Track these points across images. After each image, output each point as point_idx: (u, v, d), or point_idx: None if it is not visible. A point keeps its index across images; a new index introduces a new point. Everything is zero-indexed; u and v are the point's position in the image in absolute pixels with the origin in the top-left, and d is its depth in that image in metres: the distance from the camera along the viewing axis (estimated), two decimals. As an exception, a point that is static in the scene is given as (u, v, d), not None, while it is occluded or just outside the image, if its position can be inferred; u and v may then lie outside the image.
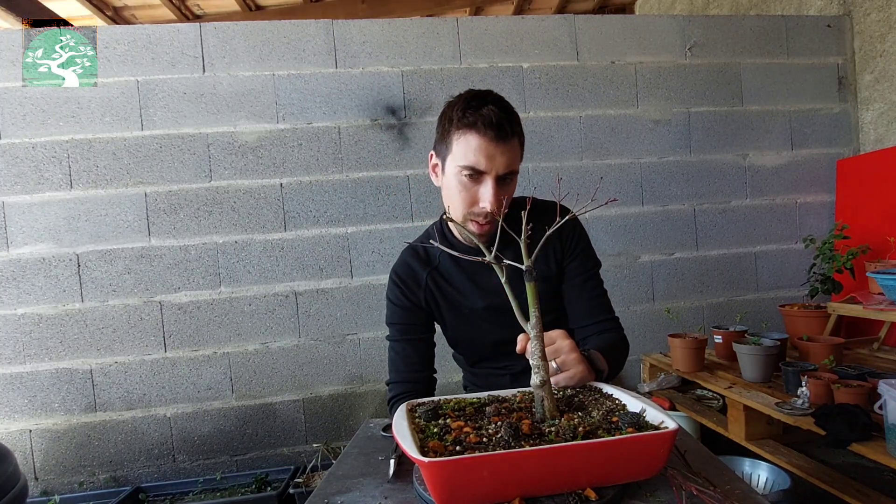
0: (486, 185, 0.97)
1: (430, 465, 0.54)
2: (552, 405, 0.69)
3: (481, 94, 0.99)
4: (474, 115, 0.94)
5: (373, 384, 2.19)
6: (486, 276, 1.10)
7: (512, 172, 1.00)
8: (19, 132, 2.00)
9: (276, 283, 2.13)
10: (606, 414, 0.70)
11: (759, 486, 1.59)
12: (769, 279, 2.46)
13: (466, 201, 0.99)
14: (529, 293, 0.73)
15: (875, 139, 2.39)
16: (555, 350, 0.83)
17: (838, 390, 1.44)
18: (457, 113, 0.97)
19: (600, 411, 0.71)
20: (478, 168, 0.95)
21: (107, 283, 2.04)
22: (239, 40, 2.11)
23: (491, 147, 0.94)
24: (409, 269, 1.13)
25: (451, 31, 2.24)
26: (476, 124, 0.94)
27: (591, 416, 0.69)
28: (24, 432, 2.00)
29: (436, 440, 0.63)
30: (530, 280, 0.72)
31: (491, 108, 0.94)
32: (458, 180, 0.98)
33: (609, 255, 2.32)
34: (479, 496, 0.57)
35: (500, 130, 0.93)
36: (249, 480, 2.01)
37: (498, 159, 0.95)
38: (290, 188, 2.14)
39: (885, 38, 2.29)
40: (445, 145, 1.00)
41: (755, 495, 0.63)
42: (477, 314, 1.12)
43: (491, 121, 0.93)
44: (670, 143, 2.38)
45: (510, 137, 0.96)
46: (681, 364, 1.98)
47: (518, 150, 1.01)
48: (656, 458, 0.61)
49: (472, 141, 0.95)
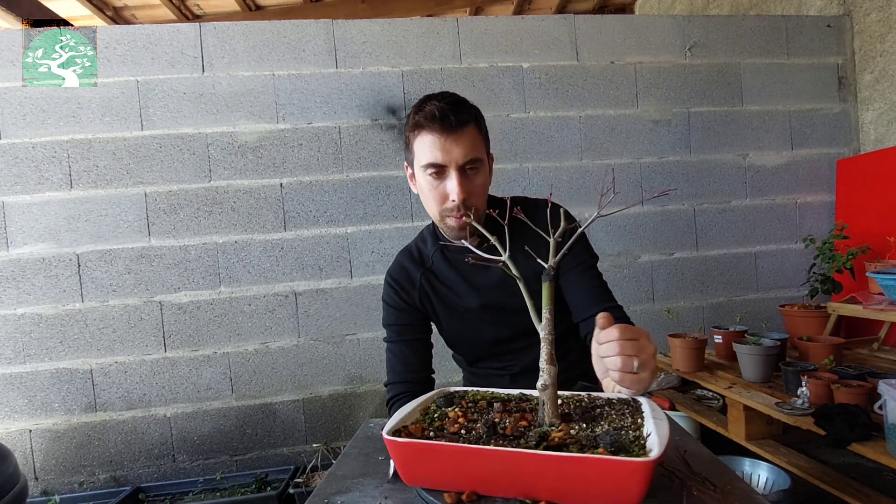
0: (450, 178, 0.98)
1: (387, 441, 0.61)
2: (552, 410, 0.67)
3: (430, 95, 1.01)
4: (421, 114, 0.97)
5: (372, 384, 2.19)
6: (479, 275, 1.11)
7: (474, 161, 1.00)
8: (19, 132, 2.00)
9: (276, 283, 2.13)
10: (615, 430, 0.63)
11: (759, 486, 1.59)
12: (769, 279, 2.46)
13: (437, 199, 1.01)
14: (545, 293, 0.71)
15: (875, 139, 2.39)
16: (639, 347, 0.71)
17: (838, 390, 1.44)
18: (411, 118, 1.01)
19: (611, 425, 0.65)
20: (436, 162, 0.97)
21: (107, 283, 2.04)
22: (239, 40, 2.11)
23: (442, 139, 0.96)
24: (402, 270, 1.15)
25: (451, 31, 2.24)
26: (423, 122, 0.97)
27: (594, 429, 0.64)
28: (24, 432, 2.00)
29: (423, 423, 0.68)
30: (547, 280, 0.71)
31: (434, 102, 0.97)
32: (425, 181, 1.01)
33: (609, 255, 2.32)
34: (432, 479, 0.63)
35: (445, 122, 0.95)
36: (249, 480, 2.01)
37: (454, 150, 0.97)
38: (290, 188, 2.14)
39: (885, 38, 2.29)
40: (410, 151, 1.04)
41: (755, 495, 0.63)
42: (472, 313, 1.12)
43: (434, 115, 0.95)
44: (670, 143, 2.38)
45: (460, 126, 0.97)
46: (681, 364, 1.98)
47: (476, 138, 1.01)
48: (623, 488, 0.53)
49: (425, 139, 0.98)
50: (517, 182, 2.27)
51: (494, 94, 2.25)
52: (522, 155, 2.27)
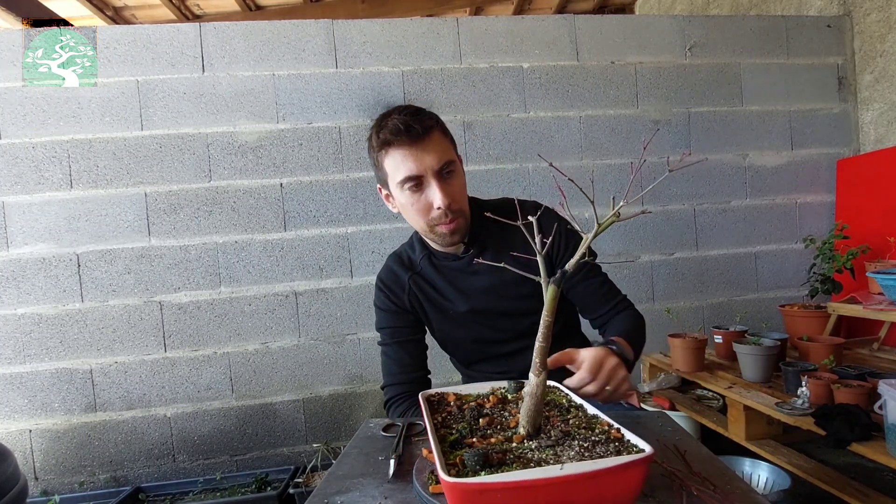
0: (430, 186, 0.98)
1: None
2: (528, 420, 0.64)
3: (386, 112, 1.01)
4: (385, 131, 0.97)
5: (373, 384, 2.19)
6: (466, 279, 1.11)
7: (449, 163, 1.00)
8: (19, 132, 2.00)
9: (276, 283, 2.13)
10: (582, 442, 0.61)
11: (759, 486, 1.59)
12: (769, 279, 2.46)
13: (422, 211, 1.00)
14: (549, 297, 0.65)
15: (875, 139, 2.39)
16: (607, 375, 0.86)
17: (838, 390, 1.44)
18: (373, 140, 1.00)
19: (581, 446, 0.61)
20: (412, 175, 0.97)
21: (107, 283, 2.04)
22: (239, 40, 2.11)
23: (413, 151, 0.96)
24: (392, 274, 1.16)
25: (451, 31, 2.23)
26: (390, 138, 0.96)
27: (561, 451, 0.59)
28: (24, 432, 2.00)
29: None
30: (556, 284, 0.64)
31: (395, 117, 0.97)
32: (405, 197, 1.00)
33: (609, 255, 2.32)
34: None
35: (410, 132, 0.95)
36: (249, 480, 2.01)
37: (426, 158, 0.97)
38: (290, 188, 2.14)
39: (885, 38, 2.29)
40: (381, 172, 1.03)
41: (755, 495, 0.63)
42: (462, 317, 1.13)
43: (399, 128, 0.95)
44: (670, 143, 2.38)
45: (426, 133, 0.97)
46: (681, 364, 1.98)
47: (443, 141, 1.01)
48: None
49: (395, 154, 0.97)
50: (517, 182, 2.27)
51: (494, 94, 2.25)
52: (522, 155, 2.27)
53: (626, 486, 0.53)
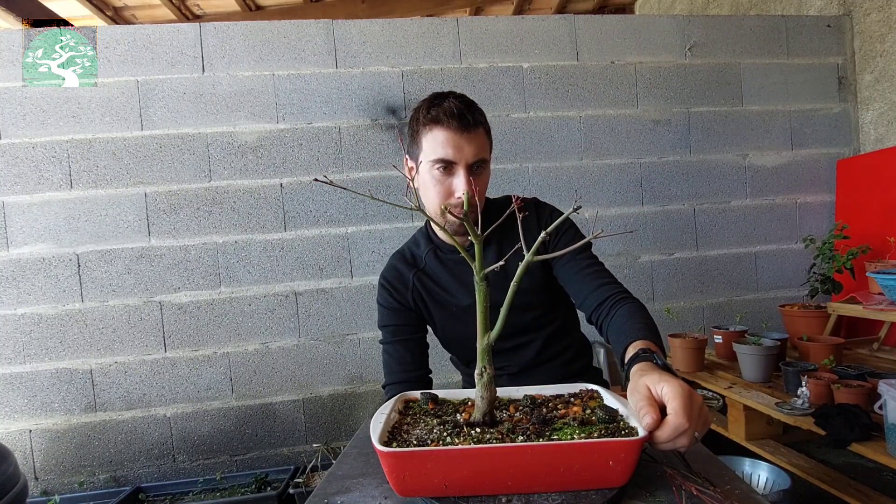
0: (458, 175, 1.00)
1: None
2: (483, 408, 0.69)
3: (443, 93, 1.03)
4: (437, 110, 0.98)
5: (373, 384, 2.19)
6: (470, 273, 1.10)
7: (482, 161, 1.02)
8: (19, 132, 2.00)
9: (276, 283, 2.13)
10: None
11: (759, 486, 1.59)
12: (769, 279, 2.46)
13: (442, 194, 1.01)
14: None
15: (875, 139, 2.39)
16: (701, 422, 0.61)
17: (838, 390, 1.44)
18: (422, 113, 1.01)
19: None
20: (448, 159, 0.98)
21: (107, 283, 2.04)
22: (239, 40, 2.11)
23: (457, 137, 0.98)
24: (395, 272, 1.16)
25: (451, 31, 2.23)
26: (440, 118, 0.98)
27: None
28: (24, 432, 2.00)
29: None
30: (484, 283, 0.71)
31: (452, 100, 0.99)
32: (431, 175, 1.01)
33: (609, 255, 2.32)
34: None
35: (462, 120, 0.97)
36: (249, 480, 2.01)
37: (466, 148, 0.98)
38: (290, 188, 2.14)
39: (885, 38, 2.29)
40: (416, 145, 1.04)
41: (755, 495, 0.63)
42: (465, 311, 1.12)
43: (453, 112, 0.97)
44: (670, 143, 2.38)
45: (474, 126, 0.99)
46: (681, 364, 1.98)
47: (485, 140, 1.04)
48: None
49: (439, 135, 0.98)
50: (517, 182, 2.27)
51: (494, 94, 2.25)
52: (522, 155, 2.27)
53: None
